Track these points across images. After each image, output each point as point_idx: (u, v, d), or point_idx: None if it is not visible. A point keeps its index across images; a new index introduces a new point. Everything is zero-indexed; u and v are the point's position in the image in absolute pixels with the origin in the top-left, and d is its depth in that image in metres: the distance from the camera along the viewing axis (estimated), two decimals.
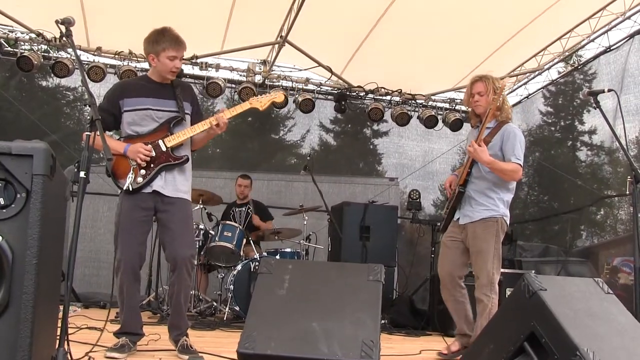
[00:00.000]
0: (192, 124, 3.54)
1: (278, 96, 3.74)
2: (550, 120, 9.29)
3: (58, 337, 2.27)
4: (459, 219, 3.94)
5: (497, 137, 3.81)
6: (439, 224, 6.96)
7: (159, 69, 3.48)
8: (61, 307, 2.38)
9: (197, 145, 3.69)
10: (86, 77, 3.66)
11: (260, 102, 3.69)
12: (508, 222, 3.89)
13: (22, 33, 6.88)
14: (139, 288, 3.49)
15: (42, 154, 1.89)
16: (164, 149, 3.42)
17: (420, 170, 8.90)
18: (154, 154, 3.39)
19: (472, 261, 3.88)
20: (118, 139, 3.53)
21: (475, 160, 3.79)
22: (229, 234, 5.89)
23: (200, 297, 6.10)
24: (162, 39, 3.43)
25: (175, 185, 3.46)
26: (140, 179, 3.36)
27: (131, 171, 3.35)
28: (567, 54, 7.19)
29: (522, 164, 3.78)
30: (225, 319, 5.53)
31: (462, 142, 9.03)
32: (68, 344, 2.29)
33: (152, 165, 3.38)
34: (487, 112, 3.75)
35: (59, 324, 2.32)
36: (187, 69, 7.30)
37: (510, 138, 3.77)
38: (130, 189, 3.34)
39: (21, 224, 1.85)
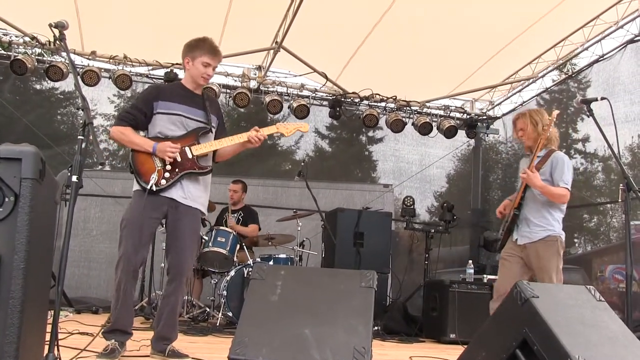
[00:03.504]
0: (215, 138, 3.63)
1: (304, 126, 3.86)
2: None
3: (48, 343, 2.25)
4: (517, 239, 4.16)
5: (547, 164, 4.09)
6: (432, 230, 6.99)
7: (192, 73, 3.58)
8: (51, 312, 2.36)
9: (224, 157, 3.75)
10: (80, 81, 3.66)
11: (287, 128, 3.77)
12: (563, 238, 4.11)
13: (16, 36, 6.87)
14: (135, 287, 3.48)
15: (31, 158, 1.86)
16: (189, 156, 3.47)
17: (415, 176, 8.91)
18: (179, 158, 3.43)
19: (538, 279, 4.05)
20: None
21: (529, 185, 4.05)
22: (223, 240, 5.88)
23: (194, 303, 6.07)
24: (202, 45, 3.55)
25: (194, 195, 3.51)
26: (163, 181, 3.39)
27: (155, 172, 3.38)
28: (561, 62, 7.22)
29: (569, 188, 4.04)
30: (218, 324, 5.51)
31: (457, 148, 9.07)
32: (58, 349, 2.27)
33: (176, 170, 3.43)
34: (538, 142, 4.04)
35: (49, 329, 2.30)
36: (182, 74, 7.27)
37: (559, 165, 4.05)
38: (154, 189, 3.35)
39: (9, 228, 1.82)
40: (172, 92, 3.59)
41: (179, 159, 3.42)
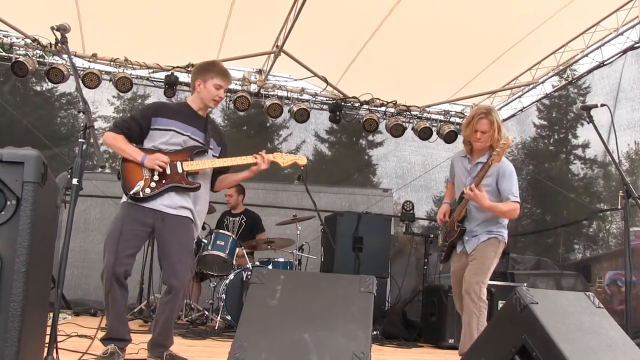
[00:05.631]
0: None
1: (301, 159, 3.83)
2: (544, 134, 9.35)
3: (47, 345, 2.26)
4: (462, 249, 4.02)
5: (492, 174, 3.87)
6: (431, 235, 6.99)
7: (202, 95, 3.57)
8: (51, 315, 2.36)
9: (222, 187, 3.75)
10: (81, 83, 3.66)
11: (284, 159, 3.74)
12: (506, 242, 4.03)
13: (17, 38, 6.87)
14: (126, 295, 3.42)
15: (33, 162, 1.87)
16: (179, 170, 3.42)
17: (415, 181, 8.91)
18: (169, 171, 3.38)
19: (469, 269, 3.91)
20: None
21: (475, 203, 3.86)
22: (222, 243, 5.87)
23: (192, 306, 6.07)
24: (213, 68, 3.59)
25: (181, 204, 3.44)
26: (148, 190, 3.34)
27: (142, 180, 3.34)
28: (561, 68, 7.23)
29: (519, 201, 3.89)
30: (216, 328, 5.50)
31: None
32: (57, 352, 2.27)
33: (163, 182, 3.37)
34: (491, 152, 3.82)
35: (48, 332, 2.31)
36: (183, 77, 7.30)
37: (506, 176, 3.87)
38: (141, 195, 3.31)
39: (11, 231, 1.83)
40: (175, 111, 3.58)
41: (168, 172, 3.37)
